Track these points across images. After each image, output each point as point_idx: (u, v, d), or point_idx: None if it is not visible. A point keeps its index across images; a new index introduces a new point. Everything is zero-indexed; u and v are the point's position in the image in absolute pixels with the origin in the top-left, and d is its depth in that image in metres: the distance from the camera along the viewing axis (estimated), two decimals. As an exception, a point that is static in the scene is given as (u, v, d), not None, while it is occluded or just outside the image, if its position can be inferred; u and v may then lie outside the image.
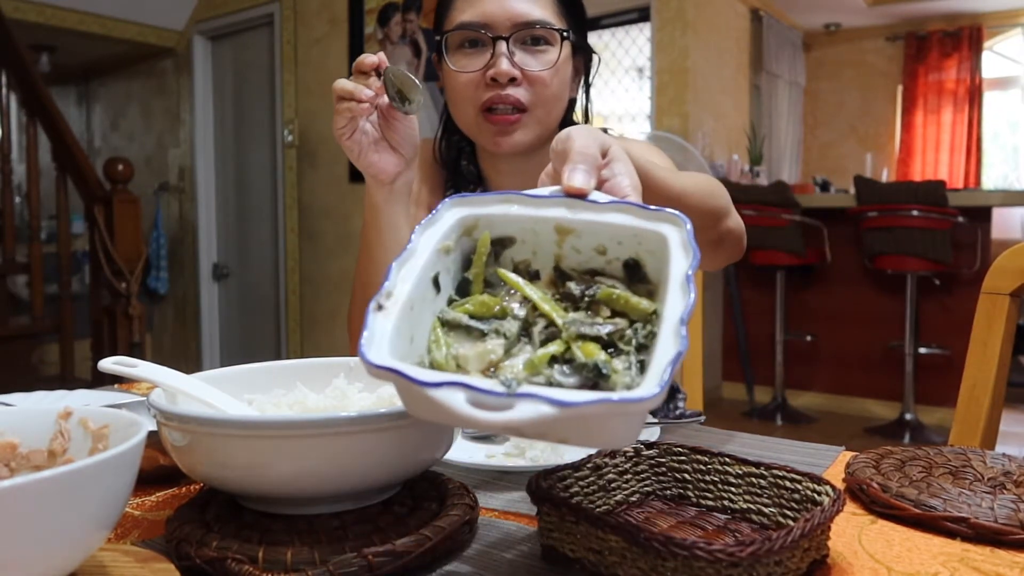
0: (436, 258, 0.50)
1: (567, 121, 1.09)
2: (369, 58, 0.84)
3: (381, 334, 0.44)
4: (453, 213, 0.52)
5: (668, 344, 0.41)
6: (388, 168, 0.89)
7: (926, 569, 0.51)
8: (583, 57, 1.07)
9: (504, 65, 0.96)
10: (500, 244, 0.53)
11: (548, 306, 0.48)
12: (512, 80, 0.97)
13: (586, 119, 1.12)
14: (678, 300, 0.43)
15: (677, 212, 0.48)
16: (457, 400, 0.39)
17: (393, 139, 0.88)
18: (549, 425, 0.39)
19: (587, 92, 1.11)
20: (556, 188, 0.53)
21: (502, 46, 0.97)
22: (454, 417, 0.39)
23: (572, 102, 1.09)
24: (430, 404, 0.40)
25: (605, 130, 1.15)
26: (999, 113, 6.34)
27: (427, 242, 0.50)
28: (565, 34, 1.00)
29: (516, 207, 0.52)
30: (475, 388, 0.40)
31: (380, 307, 0.45)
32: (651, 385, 0.39)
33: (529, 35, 0.98)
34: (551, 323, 0.47)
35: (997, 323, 0.98)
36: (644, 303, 0.47)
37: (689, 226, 0.47)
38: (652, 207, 0.49)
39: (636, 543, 0.45)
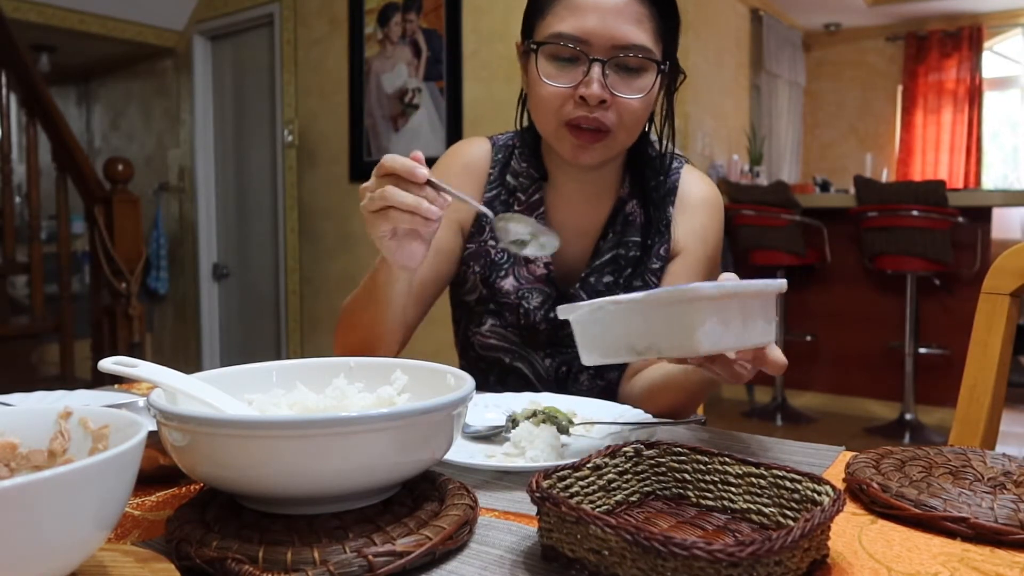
0: None
1: (643, 135, 1.07)
2: (420, 170, 0.77)
3: None
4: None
5: None
6: (418, 258, 0.85)
7: (926, 569, 0.51)
8: (671, 74, 1.03)
9: (596, 88, 0.93)
10: None
11: None
12: (601, 102, 0.94)
13: (672, 139, 1.08)
14: None
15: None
16: None
17: (426, 232, 0.83)
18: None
19: (670, 107, 1.06)
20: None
21: (597, 69, 0.93)
22: None
23: (651, 115, 1.06)
24: None
25: (676, 154, 1.14)
26: (999, 113, 6.34)
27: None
28: (662, 66, 0.96)
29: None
30: None
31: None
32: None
33: (625, 61, 0.94)
34: None
35: (997, 323, 0.98)
36: None
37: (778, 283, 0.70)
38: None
39: (636, 543, 0.45)
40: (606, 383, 1.09)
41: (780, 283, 0.70)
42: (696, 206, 1.09)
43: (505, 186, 1.10)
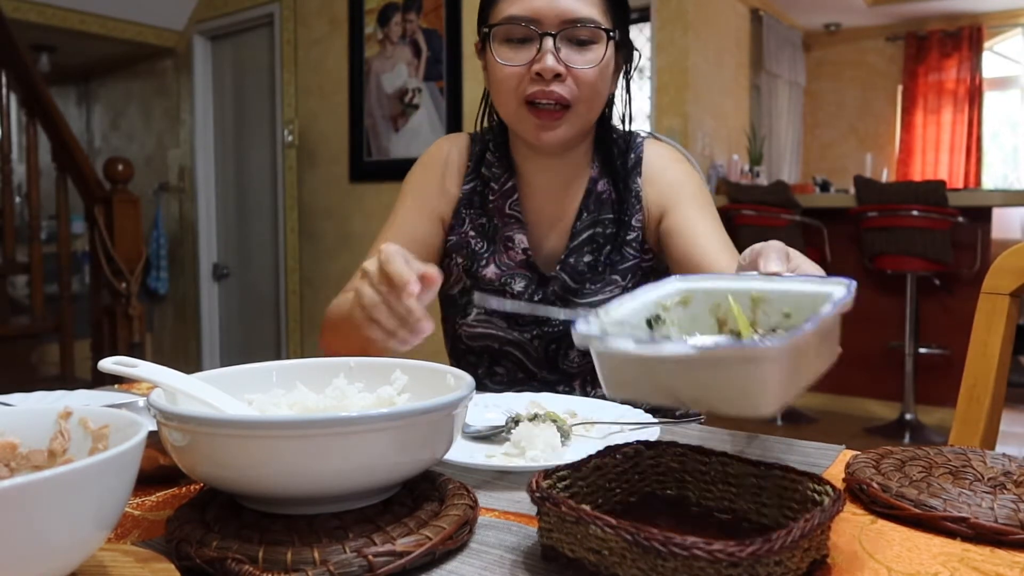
0: (654, 307, 0.63)
1: (606, 118, 1.10)
2: (413, 288, 0.70)
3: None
4: (676, 285, 0.65)
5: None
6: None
7: (926, 569, 0.51)
8: (625, 53, 1.08)
9: (550, 61, 0.97)
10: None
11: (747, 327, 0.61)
12: (557, 76, 0.98)
13: (628, 118, 1.13)
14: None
15: (844, 278, 0.59)
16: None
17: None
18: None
19: (628, 88, 1.12)
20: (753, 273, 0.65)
21: (548, 42, 0.97)
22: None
23: (611, 97, 1.10)
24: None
25: (651, 134, 1.16)
26: (999, 113, 6.34)
27: (648, 293, 0.63)
28: (611, 34, 1.00)
29: (725, 282, 0.64)
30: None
31: (597, 315, 0.57)
32: (775, 340, 0.47)
33: (575, 33, 0.99)
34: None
35: (997, 323, 0.98)
36: None
37: (853, 285, 0.58)
38: (827, 276, 0.59)
39: (636, 543, 0.45)
40: None
41: (846, 293, 0.57)
42: (664, 167, 1.12)
43: (481, 177, 1.13)
